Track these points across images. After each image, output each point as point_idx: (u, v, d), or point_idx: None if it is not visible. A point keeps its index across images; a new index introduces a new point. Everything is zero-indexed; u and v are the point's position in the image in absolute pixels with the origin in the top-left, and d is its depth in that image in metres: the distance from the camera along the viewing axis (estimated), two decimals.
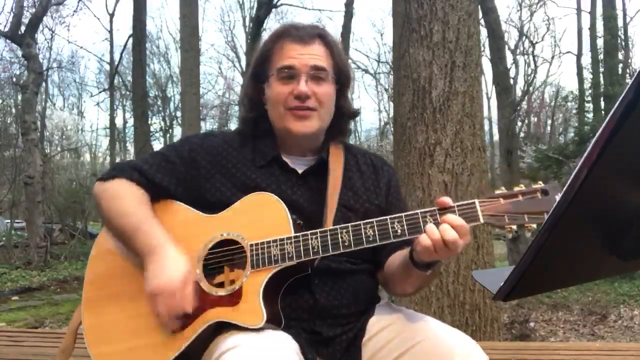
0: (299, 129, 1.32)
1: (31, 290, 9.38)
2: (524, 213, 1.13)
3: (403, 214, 1.18)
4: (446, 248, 1.10)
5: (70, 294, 8.93)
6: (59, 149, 23.20)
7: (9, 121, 19.01)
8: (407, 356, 1.19)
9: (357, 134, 25.91)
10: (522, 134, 17.49)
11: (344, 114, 1.43)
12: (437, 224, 1.13)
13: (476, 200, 1.15)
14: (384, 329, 1.28)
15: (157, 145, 20.48)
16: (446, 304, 3.13)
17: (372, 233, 1.17)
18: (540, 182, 1.17)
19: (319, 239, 1.19)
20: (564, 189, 0.62)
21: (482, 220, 1.14)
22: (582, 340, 5.62)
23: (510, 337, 5.53)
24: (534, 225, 1.13)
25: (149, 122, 17.59)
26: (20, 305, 8.12)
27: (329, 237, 1.19)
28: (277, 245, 1.19)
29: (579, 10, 18.79)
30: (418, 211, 1.17)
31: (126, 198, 1.29)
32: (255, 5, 15.04)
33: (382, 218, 1.19)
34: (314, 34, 1.35)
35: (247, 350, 1.06)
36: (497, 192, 1.17)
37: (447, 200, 1.16)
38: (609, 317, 6.49)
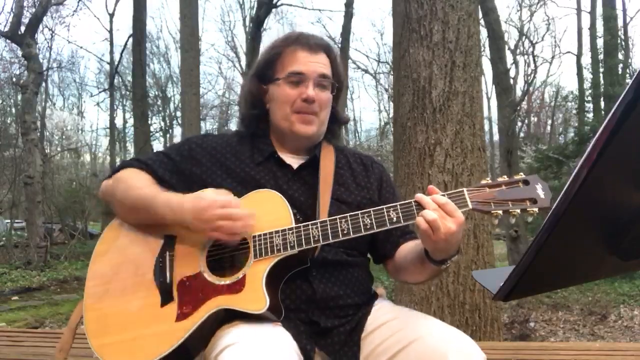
0: (303, 130, 1.41)
1: (31, 290, 9.40)
2: (508, 200, 1.21)
3: (398, 203, 1.24)
4: (441, 229, 1.15)
5: (70, 294, 8.94)
6: (59, 149, 23.20)
7: (9, 121, 19.03)
8: (404, 353, 1.21)
9: (357, 134, 25.99)
10: (522, 134, 17.49)
11: (336, 119, 1.53)
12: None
13: (464, 189, 1.23)
14: (382, 326, 1.30)
15: (157, 145, 20.54)
16: (446, 304, 3.13)
17: (369, 221, 1.23)
18: (522, 174, 1.25)
19: (319, 228, 1.24)
20: (564, 188, 0.62)
21: (470, 206, 1.21)
22: (582, 340, 5.63)
23: (510, 337, 5.54)
24: (518, 211, 1.21)
25: (149, 122, 17.61)
26: (20, 305, 8.13)
27: (328, 226, 1.24)
28: (279, 235, 1.24)
29: (579, 10, 18.81)
30: (412, 200, 1.23)
31: (138, 178, 1.39)
32: (255, 5, 15.03)
33: (378, 207, 1.24)
34: (322, 44, 1.46)
35: (246, 347, 1.08)
36: (483, 182, 1.25)
37: (436, 189, 1.23)
38: (609, 317, 6.49)
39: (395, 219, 1.22)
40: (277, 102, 1.43)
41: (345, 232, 1.23)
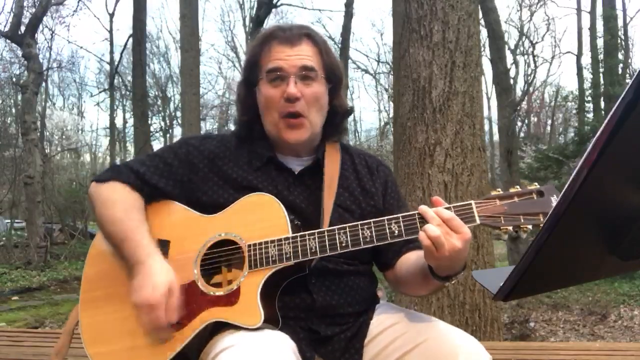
0: (291, 137, 1.32)
1: (31, 290, 9.40)
2: (520, 214, 1.13)
3: (400, 215, 1.18)
4: (445, 245, 1.09)
5: (70, 294, 8.94)
6: (59, 149, 23.20)
7: (9, 121, 19.04)
8: (411, 355, 1.19)
9: (357, 134, 25.97)
10: (522, 134, 17.50)
11: (337, 113, 1.42)
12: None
13: (472, 202, 1.16)
14: (386, 329, 1.28)
15: (157, 145, 20.50)
16: (446, 304, 3.13)
17: (369, 234, 1.17)
18: (536, 184, 1.17)
19: (316, 239, 1.19)
20: (564, 189, 0.62)
21: (478, 222, 1.14)
22: (582, 340, 5.63)
23: (510, 337, 5.54)
24: (530, 227, 1.13)
25: (149, 122, 17.60)
26: (20, 305, 8.13)
27: (326, 237, 1.19)
28: (275, 246, 1.19)
29: (579, 10, 18.81)
30: (415, 212, 1.17)
31: (117, 205, 1.29)
32: (255, 5, 15.03)
33: (379, 219, 1.19)
34: (301, 34, 1.35)
35: (244, 349, 1.06)
36: (494, 193, 1.18)
37: (441, 200, 1.17)
38: (609, 317, 6.49)
39: (397, 232, 1.16)
40: (262, 106, 1.35)
41: (344, 244, 1.17)
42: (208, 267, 1.25)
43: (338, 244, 1.18)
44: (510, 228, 1.14)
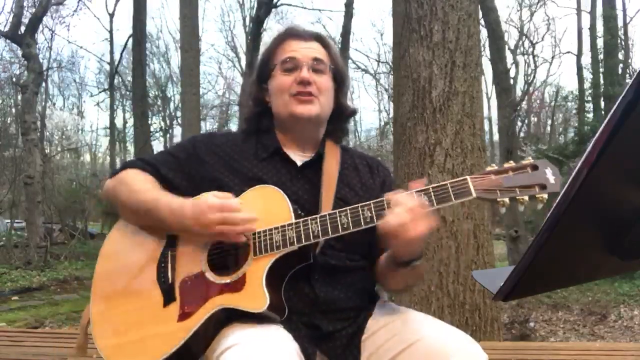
0: (302, 111, 1.38)
1: (31, 290, 9.40)
2: (515, 187, 1.14)
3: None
4: (410, 231, 1.14)
5: (70, 294, 8.95)
6: (59, 149, 23.19)
7: (9, 121, 19.04)
8: (405, 354, 1.20)
9: (357, 134, 25.94)
10: (522, 134, 17.49)
11: (342, 112, 1.50)
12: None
13: (468, 177, 1.18)
14: (382, 328, 1.29)
15: (157, 145, 20.52)
16: (446, 304, 3.13)
17: (369, 214, 1.20)
18: (530, 158, 1.18)
19: (318, 223, 1.22)
20: (564, 188, 0.62)
21: (474, 195, 1.15)
22: (582, 340, 5.63)
23: (510, 337, 5.54)
24: (526, 198, 1.14)
25: (149, 122, 17.59)
26: (20, 305, 8.13)
27: (328, 220, 1.22)
28: (279, 232, 1.23)
29: (579, 10, 18.78)
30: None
31: (143, 180, 1.38)
32: (255, 5, 15.03)
33: (378, 199, 1.22)
34: (313, 34, 1.48)
35: (248, 348, 1.08)
36: (488, 168, 1.19)
37: (419, 182, 1.21)
38: (609, 317, 6.50)
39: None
40: (275, 93, 1.43)
41: (345, 226, 1.20)
42: (216, 257, 1.29)
43: (340, 226, 1.21)
44: (507, 199, 1.14)
